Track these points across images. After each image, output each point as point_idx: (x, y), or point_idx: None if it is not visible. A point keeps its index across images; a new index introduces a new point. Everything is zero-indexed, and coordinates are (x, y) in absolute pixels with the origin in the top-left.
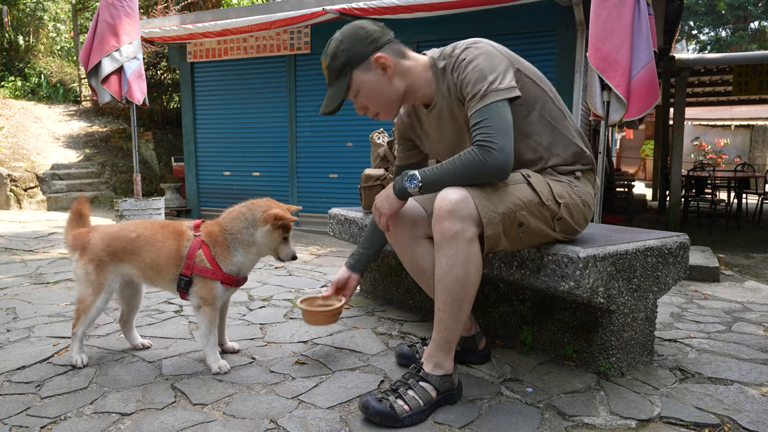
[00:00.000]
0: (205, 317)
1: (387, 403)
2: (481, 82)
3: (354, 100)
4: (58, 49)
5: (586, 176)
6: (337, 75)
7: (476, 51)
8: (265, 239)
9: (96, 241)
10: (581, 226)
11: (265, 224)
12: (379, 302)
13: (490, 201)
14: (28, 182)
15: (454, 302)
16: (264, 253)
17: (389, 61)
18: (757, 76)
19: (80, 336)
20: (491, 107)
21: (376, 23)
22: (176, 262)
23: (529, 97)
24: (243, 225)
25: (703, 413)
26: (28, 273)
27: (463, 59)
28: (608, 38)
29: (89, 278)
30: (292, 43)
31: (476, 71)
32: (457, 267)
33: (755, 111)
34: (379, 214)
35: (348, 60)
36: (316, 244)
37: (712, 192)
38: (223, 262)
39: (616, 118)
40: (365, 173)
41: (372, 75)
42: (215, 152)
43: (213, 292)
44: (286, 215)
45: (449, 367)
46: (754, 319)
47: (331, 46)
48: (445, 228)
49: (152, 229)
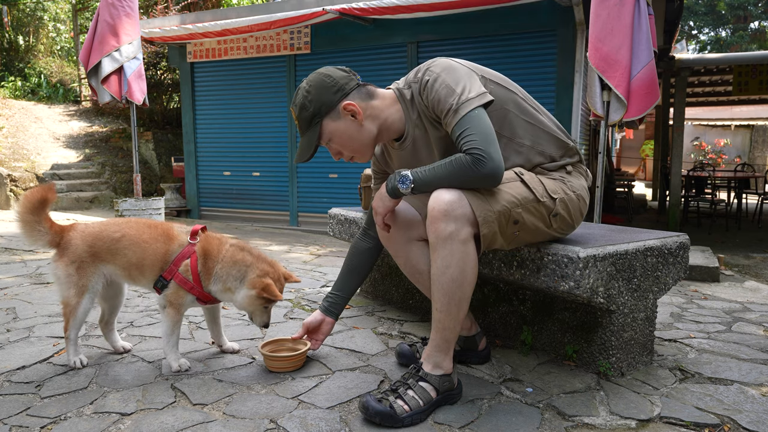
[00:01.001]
0: (168, 318)
1: (387, 403)
2: (451, 96)
3: (328, 146)
4: (58, 49)
5: (577, 169)
6: (308, 125)
7: (438, 69)
8: (245, 299)
9: (77, 241)
10: (577, 221)
11: (252, 289)
12: (379, 302)
13: (484, 200)
14: (28, 182)
15: (451, 302)
16: (239, 307)
17: (357, 107)
18: (757, 76)
19: (74, 339)
20: (468, 117)
21: (342, 68)
22: (161, 265)
23: (500, 100)
24: (233, 274)
25: (703, 413)
26: (28, 273)
27: (428, 80)
28: (608, 38)
29: (71, 280)
30: (292, 43)
31: (443, 87)
32: (452, 267)
33: (755, 111)
34: (375, 213)
35: (316, 110)
36: (316, 244)
37: (712, 192)
38: (204, 282)
39: (616, 118)
40: (365, 173)
41: (342, 123)
42: (215, 152)
43: (182, 299)
44: (274, 292)
45: (448, 366)
46: (754, 319)
47: (298, 97)
48: (439, 229)
49: (138, 228)
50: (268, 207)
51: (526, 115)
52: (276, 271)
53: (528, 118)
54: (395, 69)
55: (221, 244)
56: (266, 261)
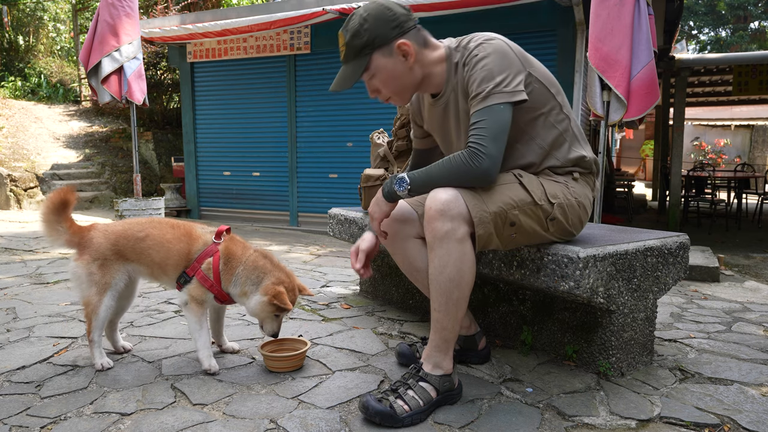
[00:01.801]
0: (192, 314)
1: (387, 403)
2: (487, 82)
3: (368, 81)
4: (58, 49)
5: (585, 178)
6: (356, 54)
7: (489, 48)
8: (257, 305)
9: (100, 240)
10: (576, 228)
11: (264, 295)
12: (379, 302)
13: (480, 200)
14: (28, 182)
15: (449, 302)
16: (251, 312)
17: (411, 49)
18: (757, 76)
19: (98, 340)
20: (492, 109)
21: (402, 6)
22: (185, 263)
23: (537, 102)
24: (252, 279)
25: (703, 413)
26: (28, 273)
27: (475, 55)
28: (608, 38)
29: (92, 278)
30: (292, 43)
31: (485, 70)
32: (449, 267)
33: (755, 111)
34: (371, 219)
35: (370, 41)
36: (316, 244)
37: (712, 192)
38: (224, 282)
39: (616, 118)
40: (365, 173)
41: (391, 60)
42: (215, 152)
43: (203, 296)
44: (284, 300)
45: (448, 366)
46: (754, 319)
47: (353, 22)
48: (436, 228)
49: (161, 228)
50: (268, 207)
51: (556, 121)
52: (291, 281)
53: (557, 124)
54: None
55: (245, 248)
56: (284, 271)
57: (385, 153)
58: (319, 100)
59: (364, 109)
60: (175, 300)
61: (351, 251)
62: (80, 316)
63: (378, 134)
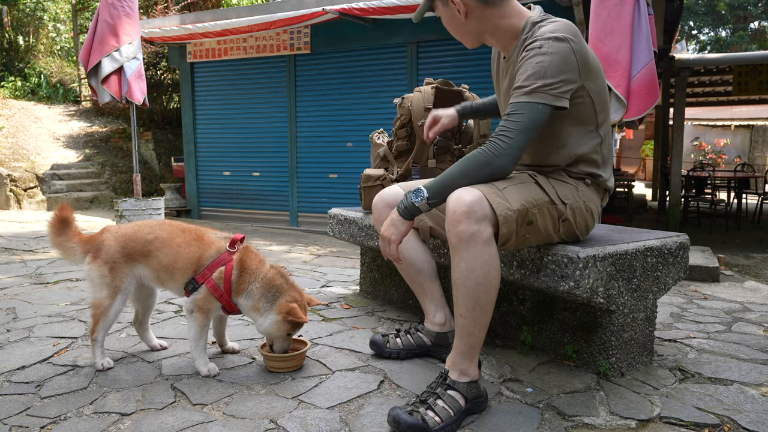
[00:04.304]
0: (195, 323)
1: (418, 415)
2: (536, 79)
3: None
4: (58, 49)
5: (595, 187)
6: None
7: (552, 48)
8: (271, 324)
9: (110, 242)
10: (582, 233)
11: (278, 314)
12: (379, 302)
13: (503, 198)
14: (28, 182)
15: (476, 307)
16: (262, 330)
17: (462, 6)
18: (757, 76)
19: (101, 341)
20: (529, 105)
21: None
22: (194, 269)
23: (579, 115)
24: (267, 297)
25: (703, 413)
26: (28, 273)
27: (538, 47)
28: (608, 38)
29: (104, 281)
30: (292, 43)
31: (538, 65)
32: (477, 271)
33: (755, 111)
34: (388, 243)
35: None
36: (316, 244)
37: (712, 192)
38: (234, 293)
39: (616, 118)
40: (365, 173)
41: (447, 11)
42: (215, 152)
43: (211, 305)
44: (298, 314)
45: (474, 373)
46: (754, 319)
47: None
48: (461, 231)
49: (171, 231)
50: (268, 207)
51: (589, 138)
52: (303, 299)
53: (589, 141)
54: (395, 69)
55: (261, 263)
56: (297, 290)
57: (385, 153)
58: (319, 100)
59: (364, 109)
60: (176, 301)
61: (429, 119)
62: (80, 316)
63: (378, 134)
